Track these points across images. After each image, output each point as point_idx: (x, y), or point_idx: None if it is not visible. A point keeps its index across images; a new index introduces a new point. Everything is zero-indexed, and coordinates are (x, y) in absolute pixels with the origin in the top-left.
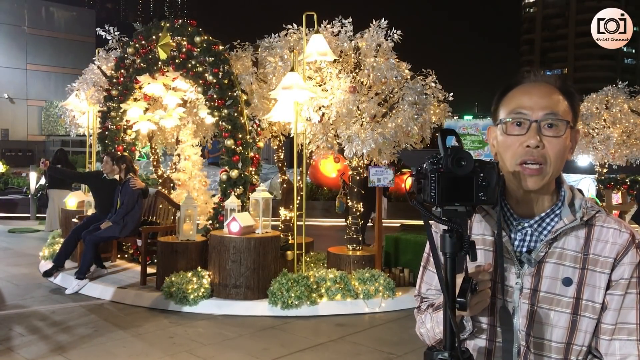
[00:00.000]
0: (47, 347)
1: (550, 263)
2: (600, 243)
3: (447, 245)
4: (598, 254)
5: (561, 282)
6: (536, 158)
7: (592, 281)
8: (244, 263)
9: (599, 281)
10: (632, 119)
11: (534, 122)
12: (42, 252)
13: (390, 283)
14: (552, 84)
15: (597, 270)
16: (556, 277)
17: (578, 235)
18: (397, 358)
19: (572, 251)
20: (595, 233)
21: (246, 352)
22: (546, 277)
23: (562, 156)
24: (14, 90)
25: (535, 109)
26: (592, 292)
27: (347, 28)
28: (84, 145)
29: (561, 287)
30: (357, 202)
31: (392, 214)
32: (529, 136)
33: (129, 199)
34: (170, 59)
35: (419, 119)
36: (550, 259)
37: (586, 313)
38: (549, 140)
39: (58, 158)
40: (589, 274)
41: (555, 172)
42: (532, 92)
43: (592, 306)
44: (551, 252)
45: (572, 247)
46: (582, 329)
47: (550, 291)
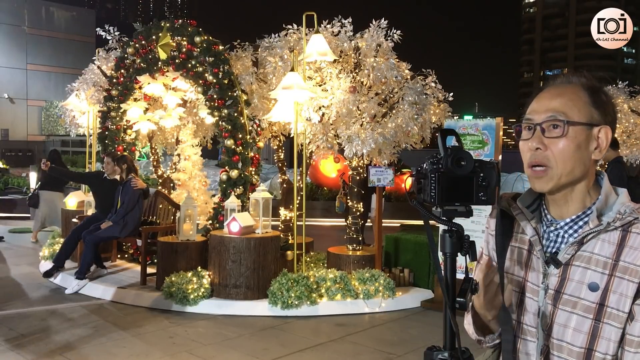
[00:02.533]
0: (47, 347)
1: (577, 266)
2: (633, 250)
3: (447, 245)
4: (630, 261)
5: (587, 286)
6: (539, 160)
7: (619, 289)
8: (244, 263)
9: (626, 289)
10: (632, 119)
11: (537, 126)
12: (42, 252)
13: (390, 283)
14: (570, 82)
15: (626, 278)
16: (582, 281)
17: (610, 240)
18: (397, 358)
19: (603, 256)
20: (630, 240)
21: (246, 352)
22: (572, 279)
23: (570, 157)
24: (14, 90)
25: (539, 112)
26: (618, 300)
27: (347, 28)
28: (84, 145)
29: (586, 292)
30: (357, 202)
31: (392, 214)
32: (533, 139)
33: (129, 198)
34: (170, 59)
35: (419, 119)
36: (578, 262)
37: (610, 320)
38: (552, 141)
39: (52, 159)
40: (616, 281)
41: (568, 173)
42: (541, 96)
43: (616, 314)
44: (579, 255)
45: (603, 252)
46: (605, 337)
47: (574, 294)
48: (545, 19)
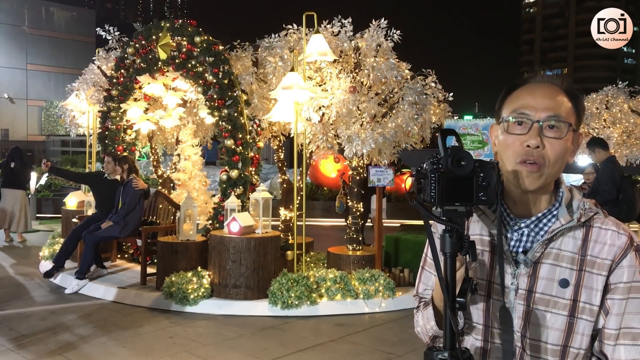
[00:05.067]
0: (47, 347)
1: (547, 264)
2: (597, 245)
3: (447, 245)
4: (595, 255)
5: (557, 283)
6: (536, 158)
7: (589, 283)
8: (244, 263)
9: (595, 283)
10: (632, 119)
11: (536, 123)
12: (42, 252)
13: (390, 283)
14: (557, 85)
15: (594, 272)
16: (552, 278)
17: (575, 236)
18: (397, 358)
19: (569, 252)
20: (593, 234)
21: (246, 352)
22: (542, 278)
23: (562, 158)
24: (14, 90)
25: (538, 110)
26: (589, 294)
27: (347, 28)
28: (84, 145)
29: (557, 289)
30: (357, 202)
31: (392, 214)
32: (530, 136)
33: (131, 199)
34: (170, 59)
35: (419, 119)
36: (547, 259)
37: (583, 315)
38: (550, 142)
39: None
40: (586, 276)
41: (554, 173)
42: (536, 93)
43: (589, 308)
44: (547, 252)
45: (569, 248)
46: (579, 332)
47: (546, 292)
48: (545, 19)
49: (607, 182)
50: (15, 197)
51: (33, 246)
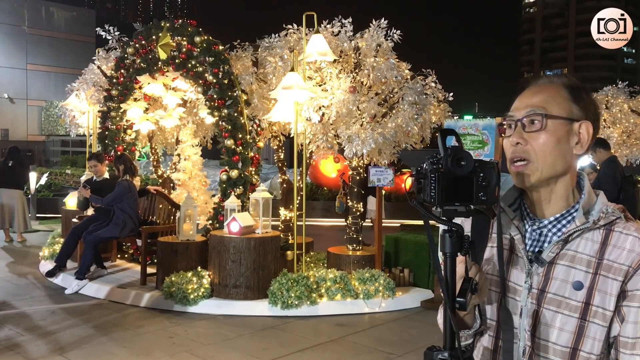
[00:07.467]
0: (47, 347)
1: (562, 265)
2: (616, 249)
3: (447, 245)
4: (613, 260)
5: (571, 285)
6: (519, 155)
7: (603, 287)
8: (244, 263)
9: (610, 288)
10: (632, 119)
11: (517, 121)
12: (42, 252)
13: (390, 283)
14: (556, 82)
15: (610, 277)
16: (566, 279)
17: (594, 239)
18: (397, 358)
19: (586, 255)
20: (613, 239)
21: (246, 352)
22: (556, 278)
23: (551, 150)
24: (14, 90)
25: (520, 109)
26: (602, 298)
27: (347, 28)
28: (84, 145)
29: (571, 291)
30: (357, 202)
31: (392, 214)
32: (514, 135)
33: (116, 192)
34: (170, 59)
35: (419, 119)
36: (562, 260)
37: (595, 319)
38: (531, 136)
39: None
40: (600, 280)
41: (549, 167)
42: (525, 94)
43: (602, 313)
44: (563, 254)
45: (586, 251)
46: (591, 336)
47: (558, 293)
48: (545, 19)
49: (608, 181)
50: (12, 197)
51: (33, 246)
